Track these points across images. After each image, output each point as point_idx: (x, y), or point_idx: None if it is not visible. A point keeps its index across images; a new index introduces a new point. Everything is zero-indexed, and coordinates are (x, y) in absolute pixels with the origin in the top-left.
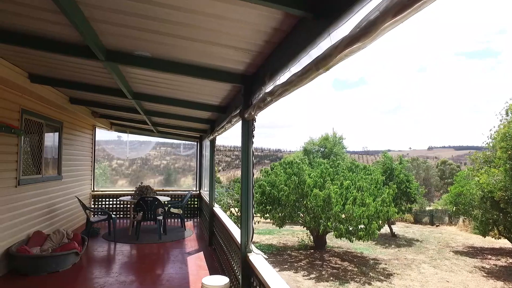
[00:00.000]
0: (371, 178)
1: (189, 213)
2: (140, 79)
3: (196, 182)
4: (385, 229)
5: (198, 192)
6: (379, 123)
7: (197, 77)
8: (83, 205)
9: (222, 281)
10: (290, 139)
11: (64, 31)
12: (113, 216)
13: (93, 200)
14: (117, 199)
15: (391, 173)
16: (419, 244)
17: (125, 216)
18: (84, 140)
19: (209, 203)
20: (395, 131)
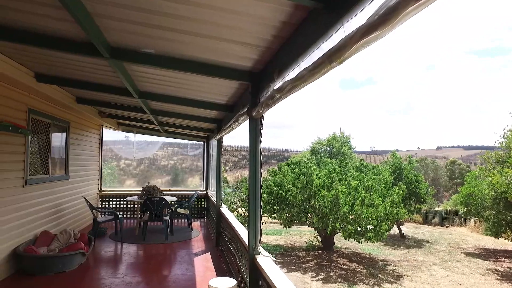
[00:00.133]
0: (380, 179)
1: (196, 213)
2: (146, 78)
3: (203, 182)
4: (394, 229)
5: (205, 192)
6: (387, 122)
7: (203, 75)
8: (90, 205)
9: (229, 283)
10: (297, 139)
11: (67, 27)
12: (120, 216)
13: (100, 200)
14: (124, 199)
15: (400, 173)
16: (429, 245)
17: (132, 216)
18: (91, 140)
19: (216, 203)
20: (403, 130)
